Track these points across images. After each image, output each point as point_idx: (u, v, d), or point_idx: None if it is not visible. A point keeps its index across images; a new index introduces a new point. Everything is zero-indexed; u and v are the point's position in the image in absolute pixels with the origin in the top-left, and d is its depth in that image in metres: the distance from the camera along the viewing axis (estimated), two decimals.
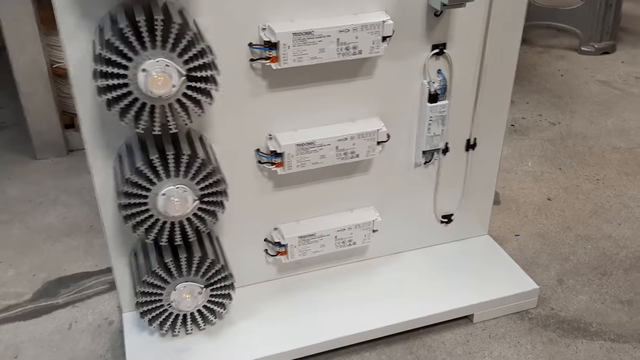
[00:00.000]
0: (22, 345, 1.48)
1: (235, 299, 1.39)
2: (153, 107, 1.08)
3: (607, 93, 2.67)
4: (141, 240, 1.35)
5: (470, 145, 1.54)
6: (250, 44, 1.23)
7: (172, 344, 1.38)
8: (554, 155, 2.24)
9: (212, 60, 1.08)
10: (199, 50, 1.06)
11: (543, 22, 3.13)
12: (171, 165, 1.15)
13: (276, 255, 1.47)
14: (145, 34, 1.02)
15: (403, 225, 1.59)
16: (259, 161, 1.36)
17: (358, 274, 1.57)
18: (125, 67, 1.03)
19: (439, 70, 1.41)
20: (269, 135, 1.34)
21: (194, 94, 1.09)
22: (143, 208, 1.16)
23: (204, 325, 1.40)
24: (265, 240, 1.47)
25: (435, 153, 1.50)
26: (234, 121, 1.30)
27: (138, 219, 1.17)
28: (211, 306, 1.36)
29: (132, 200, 1.15)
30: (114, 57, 1.02)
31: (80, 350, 1.46)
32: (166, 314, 1.34)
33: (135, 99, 1.06)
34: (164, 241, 1.22)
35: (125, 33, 1.02)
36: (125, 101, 1.05)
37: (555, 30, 3.19)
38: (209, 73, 1.08)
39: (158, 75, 1.03)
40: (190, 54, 1.05)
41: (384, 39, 1.27)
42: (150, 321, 1.33)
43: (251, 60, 1.25)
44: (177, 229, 1.21)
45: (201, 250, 1.29)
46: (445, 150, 1.51)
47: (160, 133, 1.11)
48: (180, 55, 1.05)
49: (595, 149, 2.27)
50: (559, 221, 1.91)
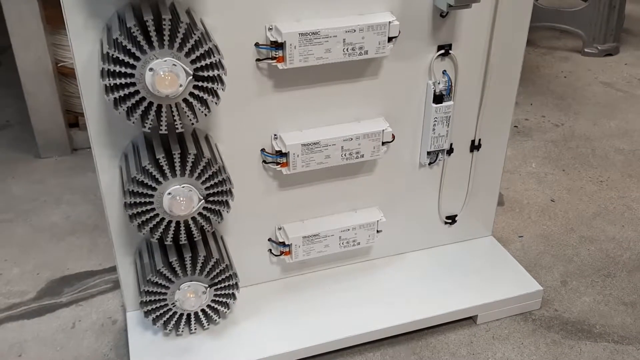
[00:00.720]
0: (26, 343, 1.49)
1: (239, 299, 1.39)
2: (160, 107, 1.08)
3: (611, 95, 2.67)
4: (146, 240, 1.35)
5: (474, 146, 1.54)
6: (256, 44, 1.23)
7: (176, 343, 1.38)
8: (557, 157, 2.24)
9: (219, 59, 1.08)
10: (206, 49, 1.06)
11: (546, 24, 3.13)
12: (177, 164, 1.15)
13: (280, 255, 1.47)
14: (152, 34, 1.02)
15: (407, 225, 1.59)
16: (264, 161, 1.36)
17: (362, 275, 1.57)
18: (133, 67, 1.03)
19: (444, 71, 1.41)
20: (275, 135, 1.35)
21: (201, 94, 1.09)
22: (149, 207, 1.16)
23: (208, 324, 1.40)
24: (270, 240, 1.48)
25: (439, 154, 1.50)
26: (240, 121, 1.31)
27: (143, 218, 1.17)
28: (215, 306, 1.36)
29: (138, 199, 1.15)
30: (121, 57, 1.02)
31: (84, 349, 1.47)
32: (170, 313, 1.34)
33: (143, 98, 1.06)
34: (169, 240, 1.22)
35: (133, 32, 1.02)
36: (133, 100, 1.06)
37: (559, 31, 3.19)
38: (215, 73, 1.08)
39: (165, 74, 1.03)
40: (197, 53, 1.06)
41: (390, 39, 1.27)
42: (155, 320, 1.34)
43: (257, 60, 1.25)
44: (182, 228, 1.21)
45: (206, 249, 1.29)
46: (449, 151, 1.51)
47: (166, 132, 1.12)
48: (187, 54, 1.05)
49: (599, 151, 2.27)
50: (562, 223, 1.91)
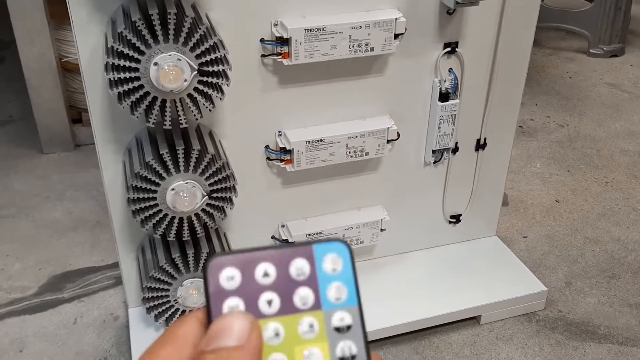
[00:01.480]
0: (28, 339, 1.48)
1: None
2: (164, 101, 1.07)
3: (616, 96, 2.66)
4: (149, 236, 1.35)
5: (480, 145, 1.53)
6: (261, 40, 1.22)
7: None
8: (562, 157, 2.23)
9: (224, 55, 1.07)
10: (211, 44, 1.06)
11: (552, 24, 3.11)
12: (181, 160, 1.14)
13: None
14: (157, 28, 1.02)
15: (411, 224, 1.59)
16: (268, 158, 1.35)
17: (365, 273, 1.57)
18: (137, 61, 1.02)
19: (451, 69, 1.40)
20: (279, 131, 1.34)
21: (205, 89, 1.08)
22: (152, 203, 1.16)
23: None
24: (273, 237, 1.47)
25: (445, 152, 1.49)
26: (244, 117, 1.30)
27: (147, 214, 1.17)
28: None
29: (142, 195, 1.14)
30: (126, 50, 1.02)
31: (86, 345, 1.46)
32: (173, 309, 1.33)
33: (147, 93, 1.05)
34: (172, 236, 1.21)
35: (138, 26, 1.02)
36: (137, 95, 1.05)
37: (564, 32, 3.18)
38: (220, 68, 1.07)
39: (170, 69, 1.03)
40: (202, 48, 1.05)
41: (396, 36, 1.26)
42: (157, 317, 1.33)
43: (262, 56, 1.24)
44: (186, 224, 1.21)
45: (209, 246, 1.29)
46: (455, 149, 1.51)
47: (170, 128, 1.11)
48: (192, 49, 1.04)
49: (604, 152, 2.26)
50: (567, 223, 1.90)
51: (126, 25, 1.03)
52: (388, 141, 1.37)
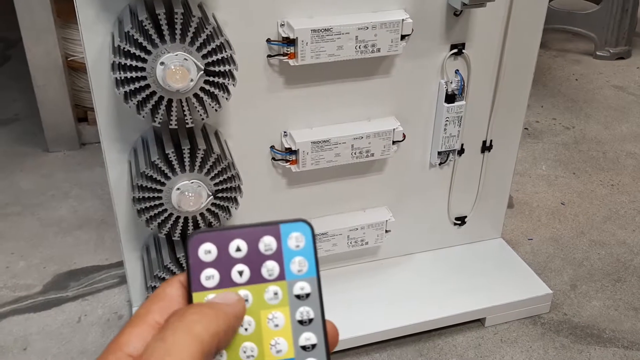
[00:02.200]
0: (32, 337, 1.48)
1: None
2: (170, 101, 1.07)
3: (622, 98, 2.65)
4: (154, 235, 1.35)
5: (486, 147, 1.53)
6: (268, 40, 1.22)
7: None
8: (568, 160, 2.22)
9: (230, 55, 1.07)
10: (218, 44, 1.05)
11: (558, 26, 3.10)
12: (186, 159, 1.14)
13: None
14: (164, 27, 1.02)
15: (416, 226, 1.58)
16: (274, 158, 1.35)
17: (369, 274, 1.56)
18: (144, 60, 1.02)
19: (457, 70, 1.40)
20: (284, 132, 1.34)
21: (212, 89, 1.08)
22: (157, 202, 1.16)
23: None
24: None
25: (450, 154, 1.49)
26: (250, 117, 1.30)
27: (152, 213, 1.17)
28: None
29: (147, 194, 1.14)
30: (132, 50, 1.02)
31: (90, 344, 1.46)
32: None
33: (153, 93, 1.05)
34: (176, 236, 1.21)
35: (145, 26, 1.01)
36: (143, 94, 1.05)
37: (571, 34, 3.16)
38: (226, 68, 1.07)
39: (176, 68, 1.03)
40: (208, 48, 1.05)
41: (403, 37, 1.26)
42: None
43: (269, 56, 1.24)
44: (190, 224, 1.21)
45: None
46: (460, 151, 1.50)
47: (176, 127, 1.11)
48: (199, 49, 1.04)
49: (610, 154, 2.25)
50: (572, 226, 1.89)
51: (133, 25, 1.03)
52: (394, 142, 1.37)
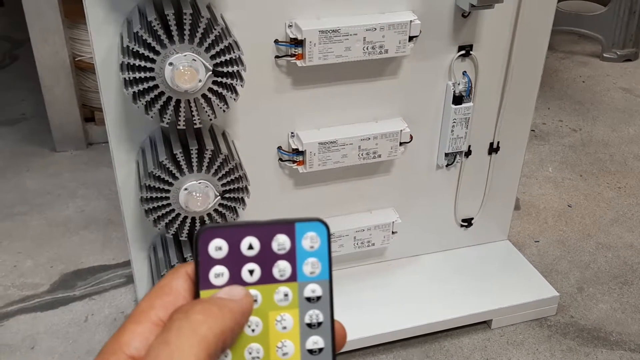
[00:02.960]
0: (39, 336, 1.49)
1: None
2: (178, 101, 1.07)
3: (630, 100, 2.64)
4: (161, 235, 1.35)
5: (493, 149, 1.53)
6: (276, 41, 1.23)
7: None
8: (574, 162, 2.21)
9: (239, 55, 1.07)
10: (226, 45, 1.06)
11: (565, 28, 3.10)
12: (194, 160, 1.14)
13: None
14: (173, 28, 1.02)
15: (423, 227, 1.58)
16: (281, 159, 1.35)
17: (376, 276, 1.56)
18: (153, 61, 1.03)
19: (465, 72, 1.39)
20: (291, 133, 1.34)
21: (220, 89, 1.08)
22: (165, 202, 1.16)
23: None
24: None
25: (457, 155, 1.49)
26: (257, 118, 1.30)
27: (159, 213, 1.17)
28: None
29: (155, 194, 1.15)
30: (141, 50, 1.02)
31: (97, 343, 1.47)
32: None
33: (162, 93, 1.05)
34: (184, 236, 1.21)
35: (154, 26, 1.02)
36: (152, 94, 1.05)
37: (578, 36, 3.15)
38: (235, 69, 1.07)
39: (185, 69, 1.03)
40: (217, 49, 1.05)
41: (411, 38, 1.26)
42: None
43: (276, 57, 1.24)
44: (198, 224, 1.21)
45: None
46: (467, 153, 1.50)
47: (184, 128, 1.11)
48: (207, 50, 1.04)
49: (617, 157, 2.25)
50: (579, 228, 1.88)
51: (142, 25, 1.04)
52: (401, 144, 1.37)
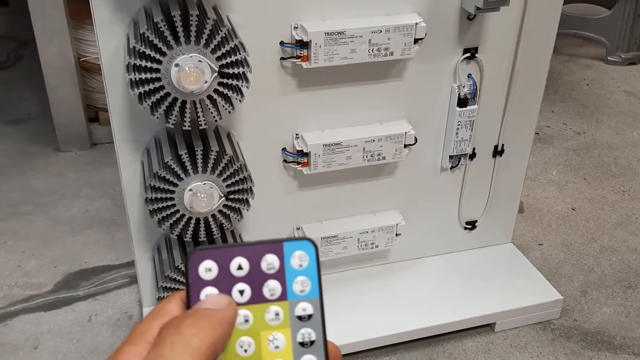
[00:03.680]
0: (42, 335, 1.49)
1: None
2: (184, 102, 1.08)
3: (634, 104, 2.64)
4: (165, 236, 1.35)
5: (497, 152, 1.52)
6: (281, 43, 1.23)
7: None
8: (578, 165, 2.21)
9: (245, 57, 1.07)
10: (232, 46, 1.06)
11: (570, 31, 3.09)
12: (199, 161, 1.14)
13: None
14: (179, 29, 1.02)
15: (426, 230, 1.58)
16: (285, 160, 1.35)
17: (379, 278, 1.56)
18: (159, 62, 1.03)
19: (470, 74, 1.39)
20: (296, 134, 1.34)
21: (225, 91, 1.09)
22: (169, 203, 1.16)
23: None
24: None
25: (462, 158, 1.49)
26: (262, 119, 1.30)
27: (164, 214, 1.17)
28: None
29: (159, 195, 1.15)
30: (147, 51, 1.02)
31: (100, 343, 1.47)
32: None
33: (167, 94, 1.06)
34: (188, 237, 1.21)
35: (160, 27, 1.02)
36: (157, 95, 1.05)
37: (582, 39, 3.15)
38: (240, 70, 1.08)
39: (191, 70, 1.03)
40: (223, 50, 1.05)
41: (416, 41, 1.26)
42: None
43: (282, 58, 1.24)
44: (202, 225, 1.21)
45: None
46: (472, 155, 1.50)
47: (189, 129, 1.11)
48: (213, 51, 1.05)
49: (621, 160, 2.24)
50: (583, 232, 1.88)
51: (148, 26, 1.04)
52: (405, 146, 1.37)
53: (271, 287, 0.37)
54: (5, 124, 2.36)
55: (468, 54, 1.37)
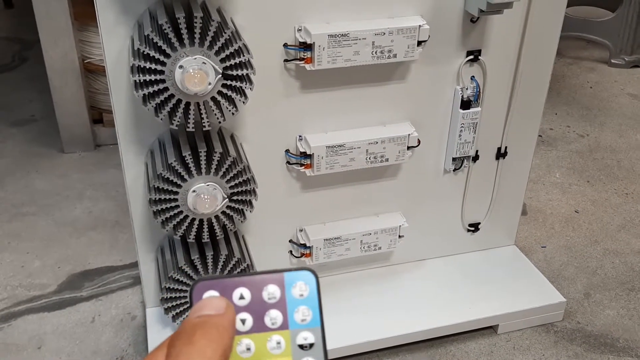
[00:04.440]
0: (46, 336, 1.50)
1: None
2: (188, 104, 1.08)
3: (637, 106, 2.63)
4: (168, 237, 1.35)
5: (500, 154, 1.53)
6: (285, 45, 1.23)
7: None
8: (582, 168, 2.21)
9: (248, 59, 1.08)
10: (236, 48, 1.06)
11: (573, 33, 3.09)
12: (203, 162, 1.15)
13: (301, 257, 1.47)
14: (184, 31, 1.03)
15: (429, 232, 1.58)
16: (288, 162, 1.36)
17: (382, 280, 1.56)
18: (163, 63, 1.03)
19: (473, 76, 1.40)
20: (299, 136, 1.34)
21: (229, 92, 1.09)
22: (173, 204, 1.16)
23: None
24: (290, 241, 1.47)
25: (465, 160, 1.49)
26: (265, 121, 1.30)
27: (168, 215, 1.17)
28: None
29: (163, 196, 1.15)
30: (152, 53, 1.03)
31: (103, 344, 1.47)
32: None
33: (171, 95, 1.06)
34: (191, 238, 1.22)
35: (165, 29, 1.03)
36: (162, 97, 1.06)
37: (585, 41, 3.15)
38: (244, 72, 1.08)
39: (195, 72, 1.03)
40: (227, 52, 1.06)
41: (419, 43, 1.26)
42: (175, 317, 1.34)
43: (285, 60, 1.25)
44: (205, 226, 1.21)
45: (227, 248, 1.29)
46: (475, 157, 1.50)
47: (193, 130, 1.12)
48: (217, 53, 1.05)
49: (625, 163, 2.24)
50: (586, 234, 1.88)
51: (153, 28, 1.04)
52: (408, 148, 1.37)
53: (273, 317, 0.38)
54: (10, 125, 2.37)
55: (471, 57, 1.37)
